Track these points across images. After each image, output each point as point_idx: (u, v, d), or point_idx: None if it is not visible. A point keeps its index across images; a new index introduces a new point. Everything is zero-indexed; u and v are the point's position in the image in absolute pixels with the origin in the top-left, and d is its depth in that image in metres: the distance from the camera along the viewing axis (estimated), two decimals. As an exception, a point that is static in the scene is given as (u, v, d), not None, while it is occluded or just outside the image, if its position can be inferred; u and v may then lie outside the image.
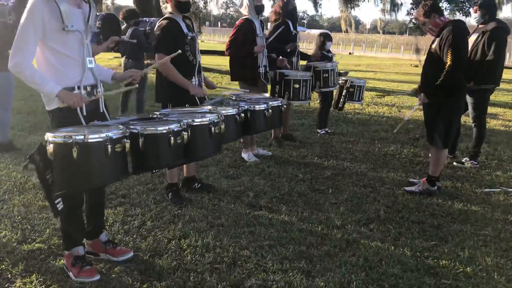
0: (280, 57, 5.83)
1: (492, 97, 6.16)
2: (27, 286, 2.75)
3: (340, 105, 6.85)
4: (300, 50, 6.36)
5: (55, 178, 2.28)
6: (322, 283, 2.87)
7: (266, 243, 3.39)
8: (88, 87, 2.82)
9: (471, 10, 5.66)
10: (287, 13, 6.04)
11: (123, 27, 7.38)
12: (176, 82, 3.84)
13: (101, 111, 2.93)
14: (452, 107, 4.42)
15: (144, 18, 7.57)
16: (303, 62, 6.53)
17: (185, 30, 3.97)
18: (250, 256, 3.19)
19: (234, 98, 4.09)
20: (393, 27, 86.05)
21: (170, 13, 4.01)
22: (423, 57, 7.75)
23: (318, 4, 20.62)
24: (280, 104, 3.93)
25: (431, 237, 3.61)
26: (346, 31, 24.90)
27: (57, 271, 2.92)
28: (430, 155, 4.78)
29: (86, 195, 3.05)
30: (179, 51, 3.42)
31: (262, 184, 4.64)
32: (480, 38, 5.38)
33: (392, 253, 3.30)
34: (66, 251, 2.95)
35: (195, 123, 2.65)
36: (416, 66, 25.75)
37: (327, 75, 5.99)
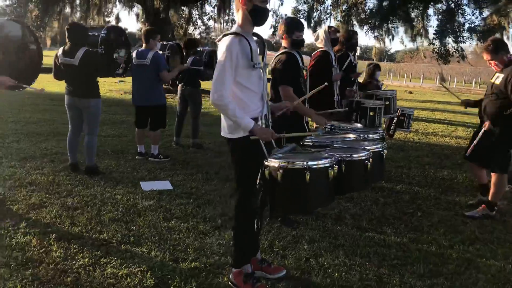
0: (348, 88, 6.21)
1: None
2: (210, 302, 2.96)
3: (391, 132, 7.25)
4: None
5: (276, 201, 2.54)
6: (472, 297, 3.17)
7: (395, 262, 3.67)
8: (264, 116, 3.09)
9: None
10: (350, 45, 6.44)
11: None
12: (299, 110, 4.13)
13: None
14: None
15: (201, 48, 7.87)
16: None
17: (300, 64, 4.30)
18: (390, 274, 3.47)
19: (330, 128, 4.41)
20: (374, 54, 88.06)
21: (285, 47, 4.32)
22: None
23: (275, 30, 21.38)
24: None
25: (536, 256, 3.95)
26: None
27: (228, 287, 3.14)
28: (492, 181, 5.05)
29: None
30: (325, 83, 3.76)
31: (352, 207, 4.93)
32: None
33: (513, 271, 3.62)
34: (235, 269, 3.17)
35: (373, 150, 2.93)
36: (411, 92, 26.62)
37: (388, 102, 6.41)
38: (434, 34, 16.81)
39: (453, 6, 15.71)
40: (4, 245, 3.56)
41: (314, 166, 2.46)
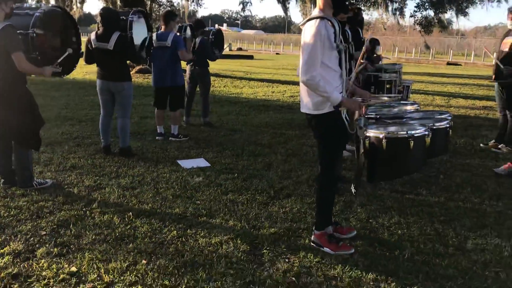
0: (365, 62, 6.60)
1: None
2: (304, 260, 3.30)
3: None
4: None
5: (380, 167, 2.89)
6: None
7: (443, 218, 4.13)
8: (344, 93, 3.41)
9: (507, 18, 6.65)
10: (358, 21, 6.80)
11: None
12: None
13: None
14: None
15: (207, 28, 8.01)
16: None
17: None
18: (444, 228, 3.92)
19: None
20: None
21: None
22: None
23: (246, 5, 21.82)
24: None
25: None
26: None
27: (312, 248, 3.49)
28: None
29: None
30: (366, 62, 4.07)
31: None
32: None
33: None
34: (317, 231, 3.53)
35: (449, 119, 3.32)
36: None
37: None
38: (415, 6, 17.50)
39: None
40: (91, 224, 3.76)
41: (416, 135, 2.81)
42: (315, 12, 3.31)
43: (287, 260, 3.33)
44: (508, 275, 3.19)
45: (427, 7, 17.21)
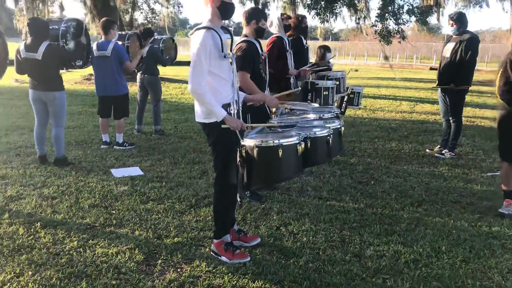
0: (302, 68, 6.63)
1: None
2: (196, 269, 3.30)
3: (342, 110, 7.74)
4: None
5: (254, 175, 2.90)
6: (415, 248, 3.68)
7: (355, 225, 4.15)
8: (235, 102, 3.42)
9: (448, 24, 6.73)
10: (301, 29, 6.83)
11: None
12: (253, 99, 4.42)
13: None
14: None
15: (157, 36, 8.04)
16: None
17: (260, 51, 4.64)
18: (351, 235, 3.93)
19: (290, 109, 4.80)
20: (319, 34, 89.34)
21: (246, 35, 4.64)
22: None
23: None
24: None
25: (473, 211, 4.54)
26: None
27: (210, 257, 3.49)
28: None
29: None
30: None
31: (312, 180, 5.39)
32: (457, 46, 6.45)
33: (455, 225, 4.18)
34: (216, 240, 3.53)
35: (333, 127, 3.35)
36: (357, 70, 27.48)
37: (338, 82, 6.88)
38: (376, 16, 17.61)
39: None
40: (-7, 236, 3.75)
41: (285, 143, 2.83)
42: (204, 22, 3.33)
43: (178, 269, 3.32)
44: (395, 281, 3.20)
45: (387, 17, 17.32)
